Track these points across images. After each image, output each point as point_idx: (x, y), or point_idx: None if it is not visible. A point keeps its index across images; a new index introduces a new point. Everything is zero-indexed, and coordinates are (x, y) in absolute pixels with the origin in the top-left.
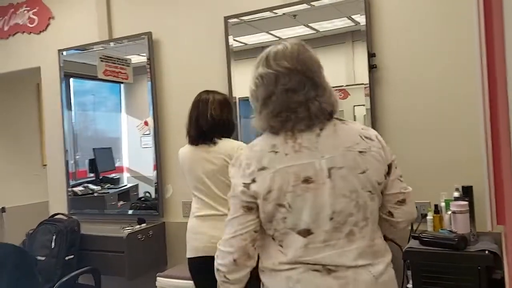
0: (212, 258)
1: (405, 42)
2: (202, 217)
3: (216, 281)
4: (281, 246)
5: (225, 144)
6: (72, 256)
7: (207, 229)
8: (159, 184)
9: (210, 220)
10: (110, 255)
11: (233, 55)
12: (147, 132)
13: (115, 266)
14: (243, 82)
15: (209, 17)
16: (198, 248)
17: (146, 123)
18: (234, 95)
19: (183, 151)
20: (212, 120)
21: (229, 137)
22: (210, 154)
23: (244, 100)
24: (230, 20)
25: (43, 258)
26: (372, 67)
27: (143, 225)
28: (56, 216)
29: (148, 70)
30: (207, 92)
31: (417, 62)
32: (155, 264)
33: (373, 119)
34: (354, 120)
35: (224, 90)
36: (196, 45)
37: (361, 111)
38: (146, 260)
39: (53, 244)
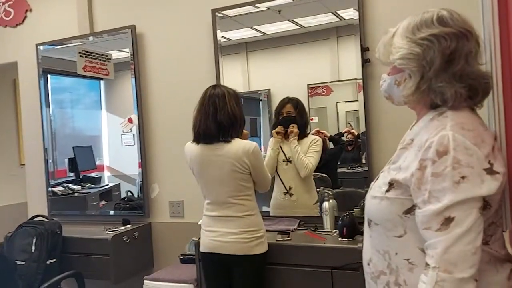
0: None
1: None
2: (212, 217)
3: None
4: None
5: (234, 146)
6: (53, 260)
7: (217, 228)
8: (144, 183)
9: (219, 221)
10: (94, 258)
11: (220, 50)
12: (129, 131)
13: (99, 270)
14: (230, 78)
15: (196, 10)
16: (207, 245)
17: (130, 120)
18: None
19: (192, 150)
20: (233, 116)
21: (238, 136)
22: (219, 158)
23: (245, 97)
24: (218, 14)
25: (23, 263)
26: (365, 62)
27: (128, 226)
28: (36, 218)
29: (132, 65)
30: (217, 86)
31: None
32: (142, 267)
33: (367, 115)
34: (337, 117)
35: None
36: (182, 39)
37: (344, 108)
38: (132, 263)
39: (33, 247)
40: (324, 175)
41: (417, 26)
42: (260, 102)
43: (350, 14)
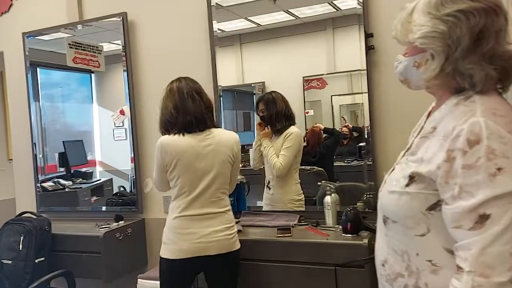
0: (198, 259)
1: None
2: (190, 217)
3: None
4: None
5: (222, 136)
6: (42, 259)
7: (198, 229)
8: (137, 178)
9: (201, 221)
10: (85, 256)
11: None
12: (121, 124)
13: (90, 268)
14: (224, 71)
15: None
16: (187, 249)
17: (122, 112)
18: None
19: (177, 144)
20: (208, 103)
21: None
22: (212, 148)
23: (226, 90)
24: (213, 3)
25: (9, 262)
26: (369, 48)
27: (121, 222)
28: (24, 215)
29: (123, 54)
30: (182, 78)
31: None
32: (135, 265)
33: (371, 104)
34: (332, 111)
35: (207, 78)
36: (175, 29)
37: (338, 101)
38: (125, 261)
39: (21, 246)
40: (320, 169)
41: (441, 0)
42: (254, 95)
43: (348, 3)
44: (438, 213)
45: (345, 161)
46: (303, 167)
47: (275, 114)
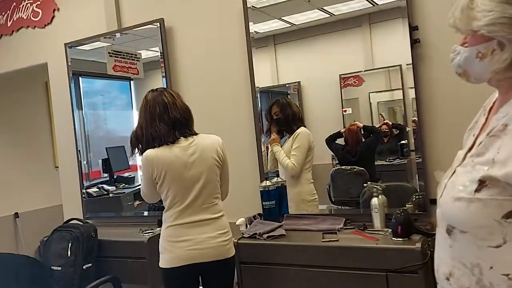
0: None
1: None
2: (184, 225)
3: None
4: None
5: (205, 141)
6: (90, 265)
7: (193, 236)
8: None
9: (195, 227)
10: (130, 262)
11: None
12: None
13: (136, 274)
14: (259, 72)
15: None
16: (182, 256)
17: None
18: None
19: (164, 156)
20: (185, 109)
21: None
22: (198, 155)
23: (261, 91)
24: (249, 1)
25: (59, 268)
26: (414, 42)
27: None
28: (71, 222)
29: (161, 60)
30: (154, 89)
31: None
32: None
33: (418, 100)
34: (370, 108)
35: (245, 80)
36: (212, 31)
37: (376, 98)
38: None
39: (69, 252)
40: (362, 168)
41: None
42: (288, 96)
43: None
44: None
45: (387, 160)
46: (343, 167)
47: (291, 116)
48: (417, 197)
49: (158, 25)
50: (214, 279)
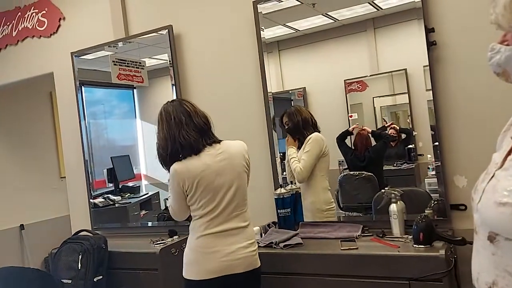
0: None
1: (468, 11)
2: (215, 235)
3: None
4: None
5: (232, 148)
6: (101, 277)
7: (223, 246)
8: None
9: (225, 237)
10: (142, 274)
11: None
12: None
13: (148, 285)
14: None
15: (236, 3)
16: (214, 269)
17: None
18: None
19: (195, 166)
20: (206, 116)
21: None
22: (227, 162)
23: (276, 98)
24: (260, 5)
25: (69, 281)
26: (431, 44)
27: (175, 237)
28: (80, 233)
29: (171, 66)
30: (170, 101)
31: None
32: None
33: (436, 103)
34: (374, 113)
35: (257, 85)
36: (220, 37)
37: (379, 103)
38: (182, 277)
39: (79, 265)
40: (370, 174)
41: None
42: (292, 102)
43: (388, 2)
44: None
45: (394, 165)
46: (351, 172)
47: (302, 123)
48: (435, 202)
49: (166, 32)
50: None
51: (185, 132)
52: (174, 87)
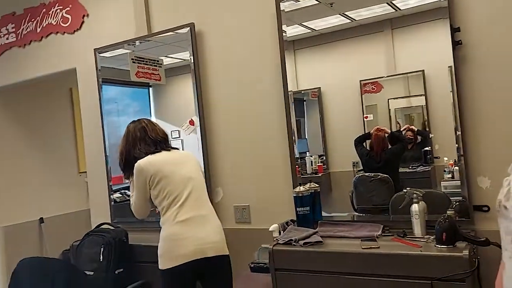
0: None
1: (495, 10)
2: (187, 221)
3: None
4: None
5: (184, 152)
6: (122, 270)
7: (194, 233)
8: (209, 187)
9: (198, 222)
10: None
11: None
12: (192, 132)
13: None
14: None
15: (257, 1)
16: (186, 253)
17: (192, 122)
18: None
19: (156, 159)
20: (163, 132)
21: None
22: (184, 159)
23: (296, 98)
24: (283, 3)
25: (91, 273)
26: (456, 44)
27: None
28: (102, 226)
29: (192, 63)
30: (134, 120)
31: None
32: None
33: (461, 106)
34: (389, 115)
35: (278, 84)
36: (242, 35)
37: (394, 105)
38: None
39: (101, 257)
40: (386, 175)
41: None
42: (304, 102)
43: (407, 3)
44: None
45: (410, 167)
46: (366, 174)
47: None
48: (457, 203)
49: (187, 30)
50: (216, 275)
51: (140, 147)
52: (195, 85)
